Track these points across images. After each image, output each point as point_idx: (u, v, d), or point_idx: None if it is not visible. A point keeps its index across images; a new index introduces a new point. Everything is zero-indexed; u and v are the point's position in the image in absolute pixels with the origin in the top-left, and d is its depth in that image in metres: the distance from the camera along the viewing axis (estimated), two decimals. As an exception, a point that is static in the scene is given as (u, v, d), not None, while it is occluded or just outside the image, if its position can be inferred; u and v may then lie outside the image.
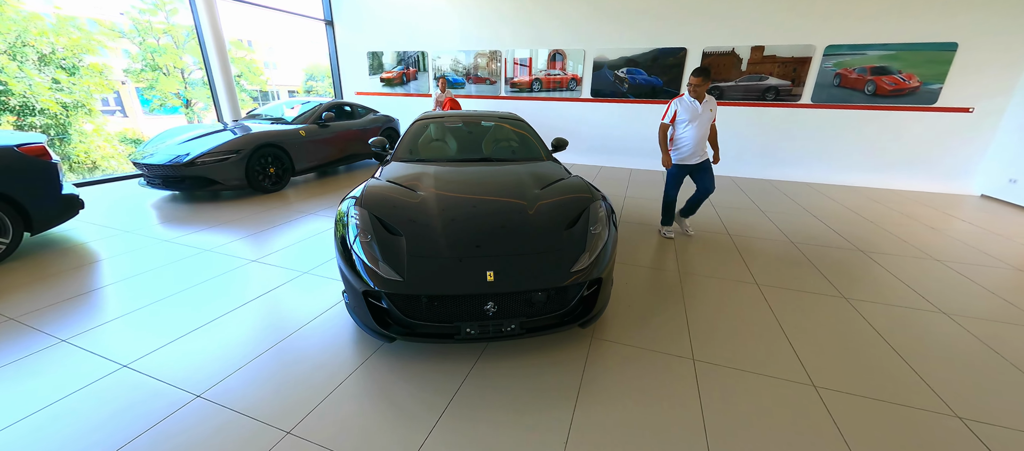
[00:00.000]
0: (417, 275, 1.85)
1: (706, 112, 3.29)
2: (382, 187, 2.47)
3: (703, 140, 3.36)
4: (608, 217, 2.33)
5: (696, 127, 3.29)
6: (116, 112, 20.69)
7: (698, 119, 3.28)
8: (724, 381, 1.87)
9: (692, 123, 3.29)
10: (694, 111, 3.27)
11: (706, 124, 3.31)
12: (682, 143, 3.38)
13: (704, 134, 3.35)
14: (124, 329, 2.16)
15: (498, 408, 1.68)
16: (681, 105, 3.33)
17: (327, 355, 1.98)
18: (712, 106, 3.35)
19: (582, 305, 2.09)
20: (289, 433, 1.53)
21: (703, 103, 3.28)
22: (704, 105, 3.29)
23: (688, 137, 3.33)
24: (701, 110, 3.27)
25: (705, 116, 3.29)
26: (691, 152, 3.37)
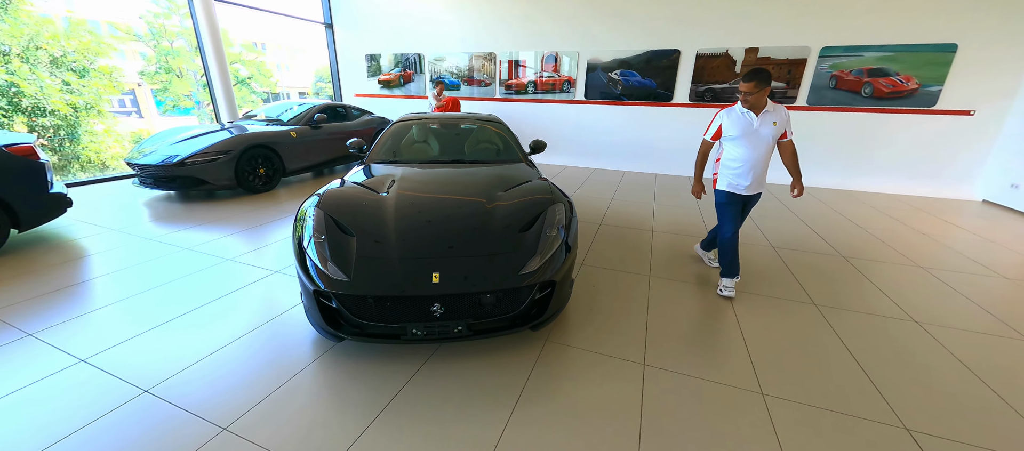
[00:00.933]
0: (363, 276, 1.87)
1: (764, 127, 2.45)
2: (345, 189, 2.50)
3: (760, 165, 2.52)
4: (568, 220, 2.33)
5: (748, 146, 2.49)
6: (132, 113, 21.31)
7: (751, 137, 2.47)
8: (671, 386, 1.84)
9: (742, 141, 2.50)
10: (746, 126, 2.47)
11: (764, 144, 2.48)
12: (731, 164, 2.59)
13: (761, 157, 2.51)
14: (90, 325, 2.22)
15: (435, 408, 1.69)
16: (728, 118, 2.54)
17: (279, 354, 2.01)
18: (778, 119, 2.46)
19: (535, 308, 2.09)
20: (225, 429, 1.56)
21: (761, 116, 2.45)
22: (762, 119, 2.45)
23: (739, 158, 2.54)
24: (756, 125, 2.45)
25: (763, 133, 2.46)
26: (741, 174, 2.55)
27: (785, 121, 2.49)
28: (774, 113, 2.46)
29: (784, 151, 2.60)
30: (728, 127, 2.54)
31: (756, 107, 2.45)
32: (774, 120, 2.46)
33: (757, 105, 2.44)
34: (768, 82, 2.39)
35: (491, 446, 1.51)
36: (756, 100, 2.41)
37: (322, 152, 5.79)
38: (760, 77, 2.36)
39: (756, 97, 2.40)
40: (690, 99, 6.34)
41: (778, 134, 2.48)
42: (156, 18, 17.85)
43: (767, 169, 2.59)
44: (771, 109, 2.46)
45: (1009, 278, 3.10)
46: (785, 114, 2.49)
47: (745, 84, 2.40)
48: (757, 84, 2.36)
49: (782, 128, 2.49)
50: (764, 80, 2.37)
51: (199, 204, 4.50)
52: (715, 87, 6.13)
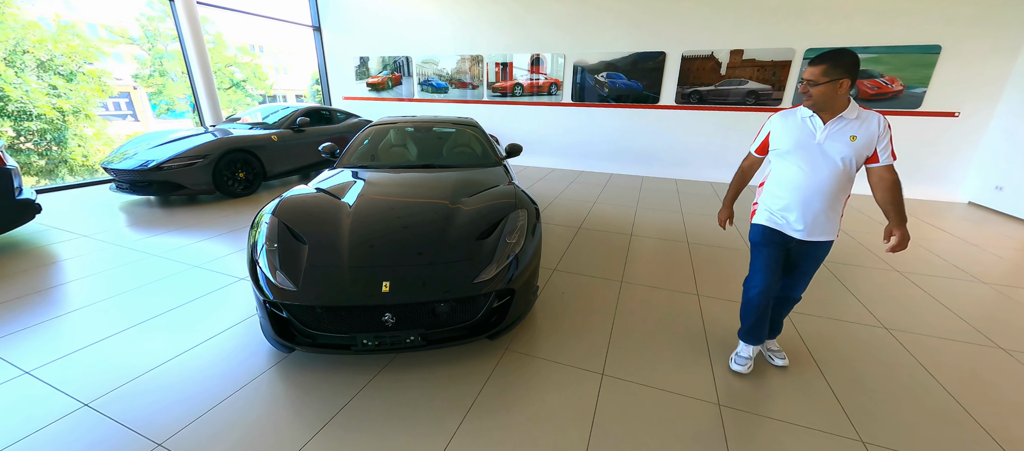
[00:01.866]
0: (311, 285, 1.83)
1: (835, 142, 1.61)
2: (305, 195, 2.46)
3: (821, 198, 1.66)
4: (530, 227, 2.29)
5: (803, 167, 1.66)
6: (128, 116, 21.29)
7: (809, 153, 1.66)
8: (626, 397, 1.80)
9: (796, 157, 1.69)
10: (804, 136, 1.66)
11: (829, 168, 1.63)
12: (775, 190, 1.78)
13: (823, 186, 1.65)
14: (40, 335, 2.17)
15: (381, 421, 1.65)
16: (782, 123, 1.74)
17: (229, 365, 1.97)
18: (862, 133, 1.59)
19: (495, 316, 2.05)
20: (159, 446, 1.52)
21: (832, 124, 1.61)
22: (833, 128, 1.61)
23: (786, 183, 1.72)
24: (821, 136, 1.63)
25: (829, 149, 1.62)
26: (788, 207, 1.72)
27: (876, 136, 1.56)
28: (858, 123, 1.57)
29: (876, 184, 1.64)
30: (779, 136, 1.72)
31: (826, 109, 1.59)
32: (853, 133, 1.57)
33: (828, 105, 1.57)
34: (850, 71, 1.50)
35: (431, 462, 1.47)
36: (824, 97, 1.54)
37: (305, 156, 5.75)
38: (837, 60, 1.49)
39: (824, 91, 1.52)
40: (676, 101, 6.31)
41: (861, 155, 1.58)
42: (150, 21, 17.87)
43: (839, 207, 1.68)
44: (854, 116, 1.58)
45: (986, 283, 3.07)
46: (878, 126, 1.56)
47: (811, 68, 1.55)
48: (828, 68, 1.50)
49: (869, 146, 1.57)
50: (842, 66, 1.49)
51: (178, 209, 4.46)
52: (701, 89, 6.11)
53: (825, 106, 1.59)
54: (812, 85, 1.55)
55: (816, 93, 1.55)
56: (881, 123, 1.57)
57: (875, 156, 1.60)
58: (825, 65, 1.50)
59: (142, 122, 21.02)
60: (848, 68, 1.49)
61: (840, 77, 1.50)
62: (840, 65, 1.49)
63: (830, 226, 1.71)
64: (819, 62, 1.52)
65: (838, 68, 1.49)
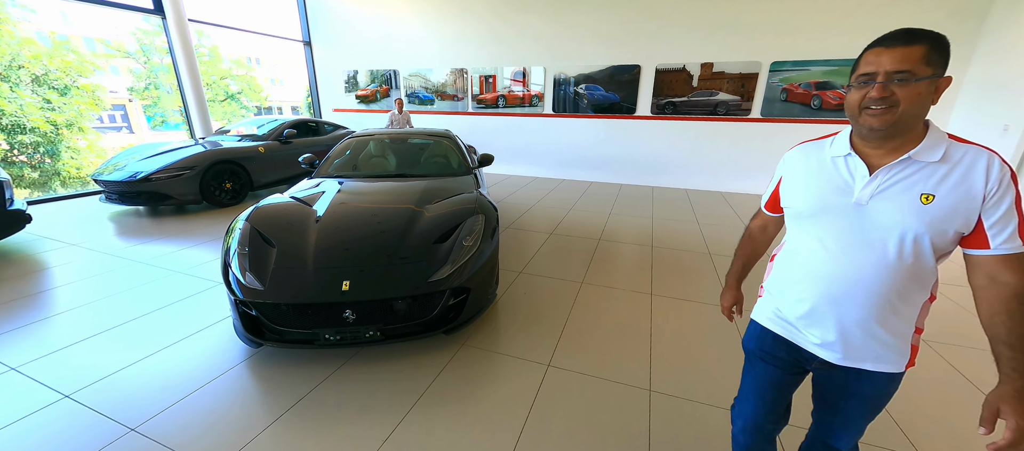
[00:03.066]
0: (277, 285, 1.99)
1: (896, 206, 0.85)
2: (278, 203, 2.63)
3: (870, 298, 0.89)
4: (488, 231, 2.47)
5: (833, 243, 0.92)
6: (123, 128, 21.49)
7: (842, 217, 0.91)
8: (566, 385, 1.97)
9: (821, 222, 0.95)
10: (833, 189, 0.93)
11: (880, 251, 0.87)
12: (785, 272, 1.05)
13: (871, 280, 0.88)
14: (26, 336, 2.32)
15: (335, 411, 1.80)
16: (802, 165, 1.03)
17: (203, 360, 2.12)
18: (959, 187, 0.81)
19: (451, 313, 2.22)
20: (133, 430, 1.67)
21: (891, 172, 0.86)
22: (891, 178, 0.86)
23: (804, 264, 0.98)
24: (868, 188, 0.88)
25: (877, 212, 0.87)
26: (801, 298, 0.98)
27: (981, 194, 0.81)
28: (943, 169, 0.83)
29: (985, 288, 0.86)
30: (794, 186, 1.03)
31: (900, 134, 0.85)
32: (928, 189, 0.83)
33: (907, 127, 0.85)
34: (942, 61, 0.80)
35: (377, 445, 1.63)
36: (916, 106, 0.81)
37: (291, 166, 5.92)
38: (940, 44, 0.80)
39: (920, 95, 0.80)
40: (652, 112, 6.56)
41: (946, 231, 0.84)
42: (146, 35, 18.13)
43: (909, 314, 0.92)
44: (935, 155, 0.83)
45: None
46: (988, 174, 0.80)
47: (897, 51, 0.80)
48: (930, 52, 0.79)
49: (967, 214, 0.82)
50: (946, 54, 0.80)
51: (166, 218, 4.61)
52: (675, 100, 6.36)
53: (904, 129, 0.83)
54: (901, 80, 0.78)
55: (906, 97, 0.78)
56: (995, 170, 0.79)
57: (981, 233, 0.82)
58: (925, 47, 0.77)
59: (137, 134, 21.20)
60: (937, 58, 0.79)
61: (943, 74, 0.80)
62: (944, 51, 0.79)
63: (890, 347, 0.92)
64: (912, 41, 0.78)
65: (943, 55, 0.79)
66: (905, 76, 0.79)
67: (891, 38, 0.81)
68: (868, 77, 0.84)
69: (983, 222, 0.82)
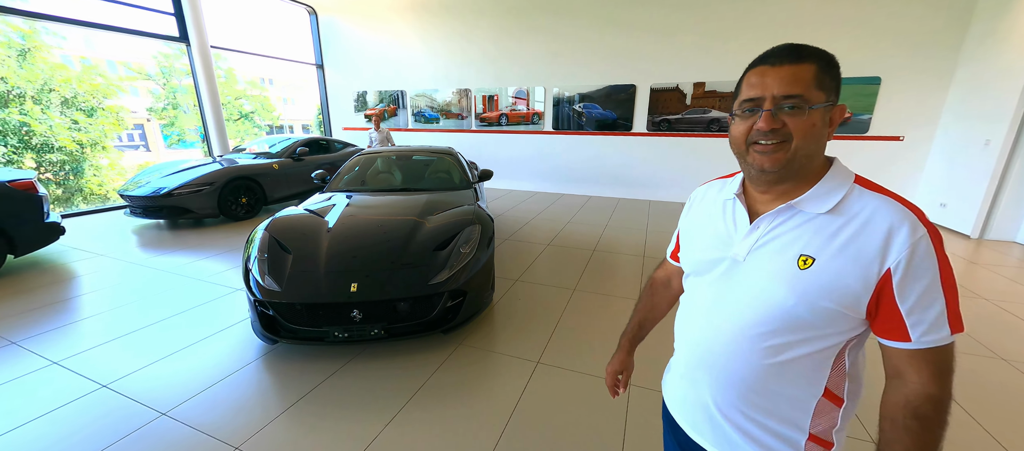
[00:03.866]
0: (293, 287, 2.22)
1: (772, 266, 0.67)
2: (294, 214, 2.88)
3: (739, 377, 0.70)
4: (485, 240, 2.68)
5: (709, 300, 0.76)
6: (140, 146, 22.33)
7: (723, 274, 0.74)
8: (552, 380, 2.15)
9: (703, 277, 0.78)
10: (719, 237, 0.76)
11: (753, 316, 0.68)
12: (677, 337, 0.87)
13: (741, 355, 0.69)
14: (64, 335, 2.55)
15: (334, 406, 2.00)
16: (699, 205, 0.86)
17: (223, 356, 2.33)
18: (851, 248, 0.61)
19: (449, 314, 2.43)
20: (164, 415, 1.88)
21: (775, 219, 0.69)
22: (775, 229, 0.68)
23: (684, 322, 0.83)
24: (747, 240, 0.71)
25: (761, 278, 0.68)
26: (676, 368, 0.87)
27: (877, 260, 0.60)
28: (836, 222, 0.64)
29: (893, 389, 0.64)
30: (687, 233, 0.88)
31: (793, 175, 0.67)
32: (807, 250, 0.64)
33: (801, 164, 0.66)
34: (834, 86, 0.65)
35: (378, 430, 1.82)
36: (811, 139, 0.64)
37: (303, 182, 6.23)
38: (831, 65, 0.65)
39: (814, 126, 0.63)
40: (647, 129, 6.81)
41: (833, 305, 0.62)
42: (166, 59, 18.99)
43: (761, 406, 0.70)
44: (824, 205, 0.65)
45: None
46: (894, 236, 0.59)
47: (784, 69, 0.63)
48: (821, 73, 0.63)
49: (863, 285, 0.61)
50: (837, 76, 0.66)
51: (185, 231, 4.89)
52: (669, 117, 6.61)
53: (797, 168, 0.66)
54: (792, 107, 0.63)
55: (799, 130, 0.63)
56: (904, 234, 0.59)
57: (895, 319, 0.61)
58: (816, 66, 0.64)
59: (153, 152, 21.99)
60: (839, 84, 0.67)
61: (837, 101, 0.67)
62: (835, 73, 0.66)
63: (752, 426, 0.72)
64: (801, 57, 0.64)
65: (834, 78, 0.66)
66: (796, 102, 0.62)
67: (776, 55, 0.64)
68: (753, 103, 0.65)
69: (898, 305, 0.59)
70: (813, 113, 0.63)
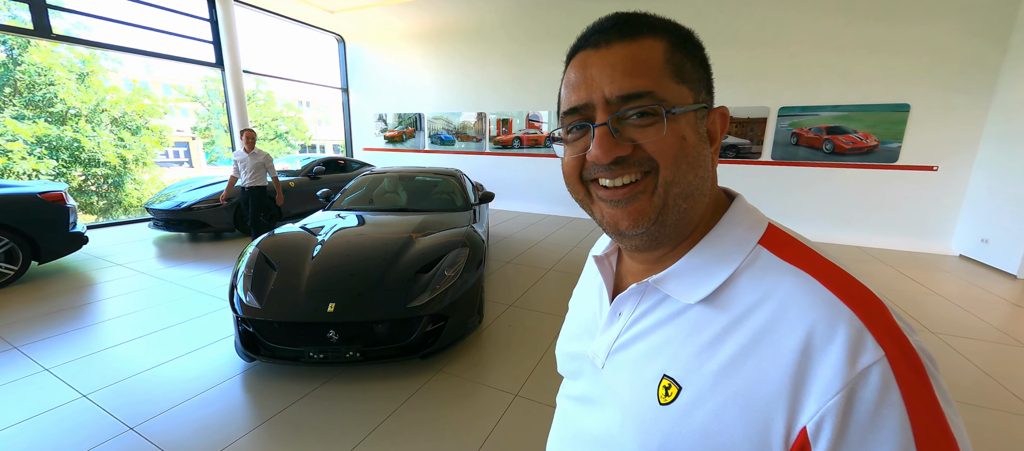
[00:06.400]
0: (272, 304, 2.22)
1: (630, 381, 0.43)
2: (289, 232, 2.92)
3: None
4: (473, 263, 2.63)
5: (566, 414, 0.57)
6: (185, 163, 24.04)
7: (586, 380, 0.51)
8: (528, 414, 2.03)
9: (573, 381, 0.56)
10: (590, 317, 0.54)
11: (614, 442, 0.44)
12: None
13: None
14: (64, 342, 2.64)
15: (303, 428, 1.94)
16: (585, 271, 0.63)
17: (204, 372, 2.34)
18: (744, 367, 0.35)
19: (429, 339, 2.36)
20: (131, 429, 1.87)
21: (635, 304, 0.46)
22: (635, 321, 0.45)
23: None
24: (606, 336, 0.48)
25: (617, 395, 0.44)
26: None
27: (794, 403, 0.32)
28: (717, 319, 0.38)
29: None
30: (570, 313, 0.62)
31: (653, 244, 0.43)
32: (673, 372, 0.39)
33: (658, 236, 0.42)
34: (699, 75, 0.41)
35: (339, 454, 1.74)
36: (668, 197, 0.40)
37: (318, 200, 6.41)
38: (662, 31, 0.40)
39: (661, 148, 0.39)
40: (661, 154, 6.68)
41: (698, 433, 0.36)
42: (212, 82, 20.47)
43: None
44: (705, 280, 0.40)
45: (934, 334, 3.08)
46: (815, 355, 0.32)
47: (579, 61, 0.42)
48: (672, 50, 0.40)
49: (763, 446, 0.33)
50: (686, 55, 0.40)
51: (203, 244, 5.09)
52: (684, 143, 6.46)
53: (677, 217, 0.41)
54: (640, 114, 0.39)
55: (661, 150, 0.39)
56: (838, 352, 0.31)
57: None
58: (665, 42, 0.40)
59: (196, 168, 23.53)
60: (707, 71, 0.43)
61: (708, 98, 0.43)
62: (697, 55, 0.42)
63: None
64: (635, 31, 0.40)
65: (698, 61, 0.42)
66: (645, 104, 0.38)
67: (600, 30, 0.41)
68: (578, 116, 0.42)
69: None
70: (678, 121, 0.38)
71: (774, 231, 0.41)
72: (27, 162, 8.54)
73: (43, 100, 9.21)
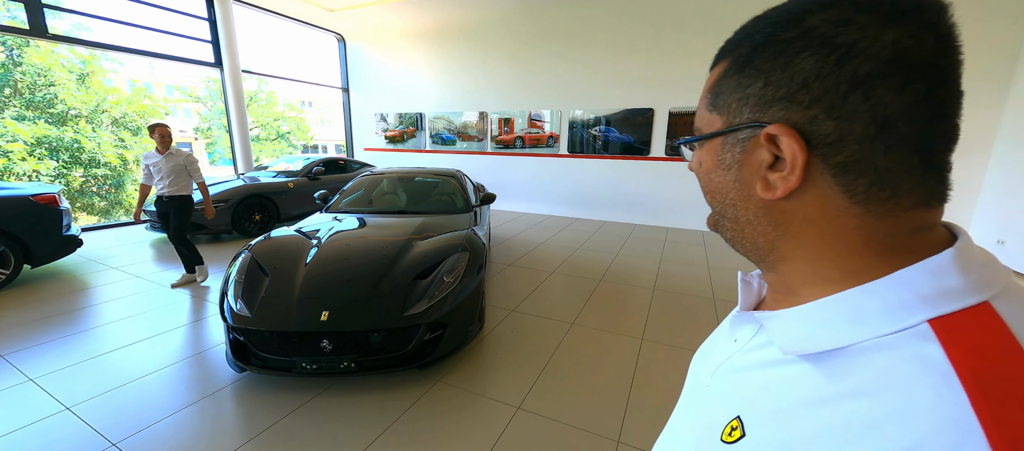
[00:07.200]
0: (263, 313, 2.12)
1: (709, 410, 0.40)
2: (283, 235, 2.83)
3: None
4: (473, 268, 2.52)
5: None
6: (187, 163, 24.01)
7: (692, 397, 0.47)
8: (530, 430, 1.92)
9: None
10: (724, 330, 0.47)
11: None
12: None
13: None
14: (51, 350, 2.55)
15: (300, 441, 1.85)
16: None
17: (193, 382, 2.25)
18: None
19: (427, 348, 2.26)
20: (113, 445, 1.78)
21: (751, 333, 0.40)
22: (747, 347, 0.39)
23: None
24: (733, 353, 0.40)
25: (692, 427, 0.43)
26: None
27: None
28: (813, 378, 0.31)
29: None
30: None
31: (754, 249, 0.38)
32: (745, 412, 0.34)
33: (742, 250, 0.40)
34: (733, 85, 0.35)
35: (331, 474, 1.65)
36: (711, 192, 0.40)
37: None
38: (727, 52, 0.37)
39: (699, 176, 0.41)
40: (666, 153, 6.55)
41: None
42: (214, 83, 20.47)
43: None
44: (818, 334, 0.31)
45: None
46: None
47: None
48: (706, 85, 0.39)
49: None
50: (735, 79, 0.35)
51: (203, 247, 4.98)
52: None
53: (740, 245, 0.39)
54: (686, 141, 0.42)
55: (699, 177, 0.41)
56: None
57: None
58: (724, 64, 0.37)
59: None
60: (768, 85, 0.32)
61: (746, 118, 0.34)
62: (756, 67, 0.33)
63: None
64: (717, 57, 0.39)
65: (751, 76, 0.33)
66: (694, 133, 0.40)
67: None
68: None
69: None
70: (702, 147, 0.39)
71: (981, 316, 0.26)
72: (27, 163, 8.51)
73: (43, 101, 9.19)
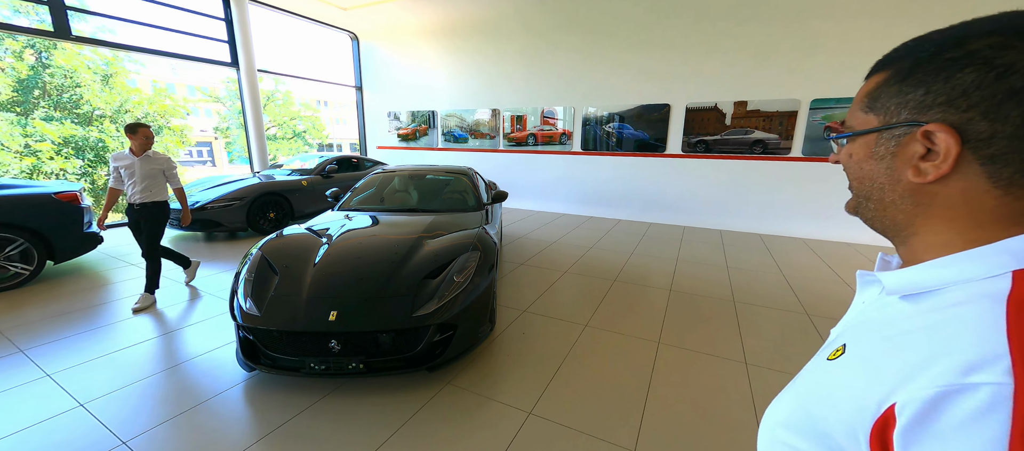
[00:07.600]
0: (272, 312, 2.10)
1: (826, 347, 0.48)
2: (294, 233, 2.82)
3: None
4: (484, 268, 2.47)
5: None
6: (207, 161, 24.72)
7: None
8: (542, 437, 1.85)
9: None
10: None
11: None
12: None
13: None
14: (70, 346, 2.59)
15: (306, 442, 1.81)
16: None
17: (204, 381, 2.25)
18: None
19: (436, 350, 2.21)
20: (123, 443, 1.78)
21: (867, 285, 0.51)
22: (863, 294, 0.52)
23: None
24: (857, 305, 0.52)
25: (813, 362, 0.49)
26: None
27: (899, 396, 0.32)
28: (906, 310, 0.40)
29: None
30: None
31: (889, 229, 0.46)
32: (851, 339, 0.43)
33: (887, 220, 0.46)
34: (904, 100, 0.41)
35: (337, 478, 1.61)
36: (859, 188, 0.48)
37: (330, 199, 6.37)
38: (890, 64, 0.45)
39: (846, 165, 0.50)
40: (682, 150, 6.38)
41: (831, 435, 0.38)
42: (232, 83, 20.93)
43: None
44: (920, 276, 0.40)
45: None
46: (944, 367, 0.31)
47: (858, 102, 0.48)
48: (862, 90, 0.47)
49: (860, 413, 0.35)
50: (894, 86, 0.43)
51: (219, 244, 5.08)
52: (707, 139, 6.15)
53: (871, 221, 0.49)
54: (837, 136, 0.51)
55: (846, 167, 0.50)
56: (965, 363, 0.30)
57: None
58: (885, 74, 0.45)
59: (218, 167, 24.15)
60: (926, 93, 0.40)
61: (896, 118, 0.42)
62: (917, 78, 0.41)
63: None
64: (876, 68, 0.47)
65: (912, 85, 0.41)
66: (844, 129, 0.49)
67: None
68: None
69: None
70: (850, 144, 0.49)
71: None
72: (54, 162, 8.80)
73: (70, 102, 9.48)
